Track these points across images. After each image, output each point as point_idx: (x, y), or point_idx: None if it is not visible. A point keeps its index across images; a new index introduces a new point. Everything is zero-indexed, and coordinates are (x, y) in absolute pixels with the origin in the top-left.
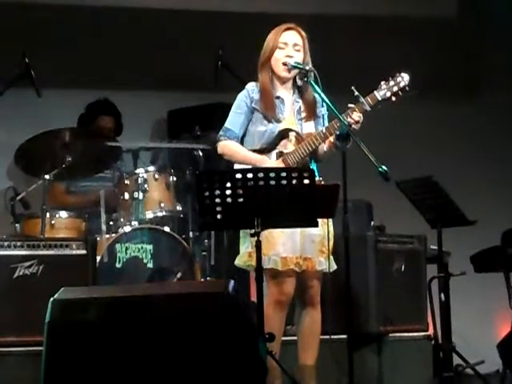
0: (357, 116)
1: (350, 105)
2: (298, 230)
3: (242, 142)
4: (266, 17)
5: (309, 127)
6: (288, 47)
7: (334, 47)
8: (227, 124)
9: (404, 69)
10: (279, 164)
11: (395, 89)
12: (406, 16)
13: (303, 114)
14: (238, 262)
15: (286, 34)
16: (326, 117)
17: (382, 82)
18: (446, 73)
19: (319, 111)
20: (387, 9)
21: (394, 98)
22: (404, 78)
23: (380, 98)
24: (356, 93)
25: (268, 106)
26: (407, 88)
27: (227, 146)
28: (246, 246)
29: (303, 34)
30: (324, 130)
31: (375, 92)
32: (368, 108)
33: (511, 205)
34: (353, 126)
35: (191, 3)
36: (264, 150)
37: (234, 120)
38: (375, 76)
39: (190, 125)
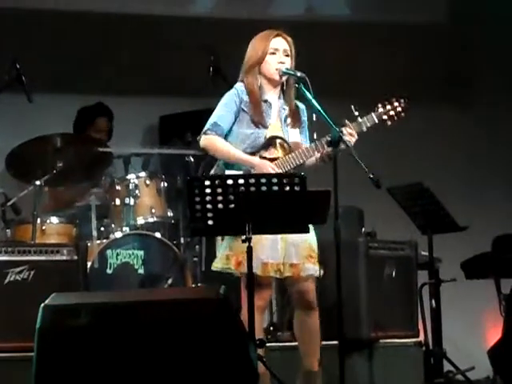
0: (349, 130)
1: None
2: (279, 236)
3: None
4: (258, 22)
5: (295, 134)
6: (279, 53)
7: (324, 53)
8: (216, 119)
9: (394, 73)
10: (274, 167)
11: (392, 113)
12: (395, 22)
13: (289, 121)
14: (217, 265)
15: (276, 40)
16: (306, 126)
17: (379, 105)
18: (434, 78)
19: (302, 117)
20: (377, 14)
21: (389, 122)
22: (401, 103)
23: (377, 121)
24: (355, 112)
25: (256, 111)
26: (403, 114)
27: (216, 143)
28: (224, 248)
29: (289, 39)
30: (314, 146)
31: (372, 114)
32: (364, 129)
33: (502, 211)
34: (346, 137)
35: (183, 9)
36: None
37: (224, 116)
38: (365, 82)
39: (182, 130)
